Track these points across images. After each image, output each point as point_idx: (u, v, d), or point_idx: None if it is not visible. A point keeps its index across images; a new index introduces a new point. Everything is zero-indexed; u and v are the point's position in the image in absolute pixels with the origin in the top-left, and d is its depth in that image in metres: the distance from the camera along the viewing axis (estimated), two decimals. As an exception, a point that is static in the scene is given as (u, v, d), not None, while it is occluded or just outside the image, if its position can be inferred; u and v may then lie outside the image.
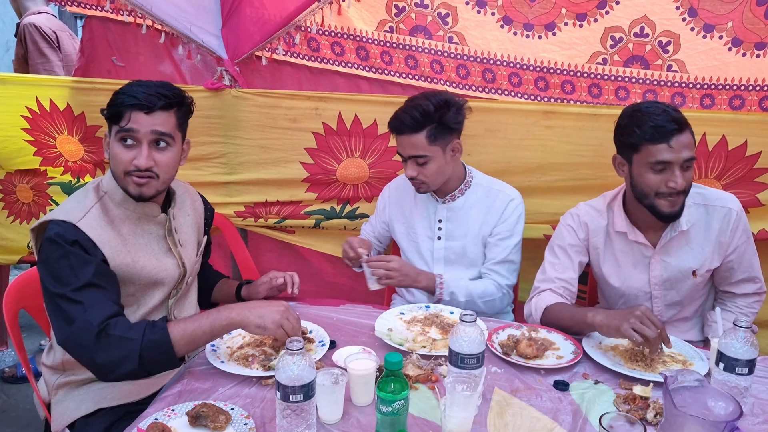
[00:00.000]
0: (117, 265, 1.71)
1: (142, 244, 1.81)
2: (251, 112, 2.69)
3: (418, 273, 2.26)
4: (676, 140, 1.86)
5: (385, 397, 1.38)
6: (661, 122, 1.86)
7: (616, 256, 2.16)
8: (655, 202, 1.95)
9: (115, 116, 1.70)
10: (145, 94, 1.70)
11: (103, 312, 1.57)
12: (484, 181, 2.40)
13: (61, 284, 1.60)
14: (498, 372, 1.77)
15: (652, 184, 1.92)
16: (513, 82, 2.59)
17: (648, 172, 1.92)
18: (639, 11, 2.42)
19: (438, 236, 2.40)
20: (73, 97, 2.73)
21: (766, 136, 2.36)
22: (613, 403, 1.61)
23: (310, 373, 1.39)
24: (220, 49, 2.67)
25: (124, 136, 1.71)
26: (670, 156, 1.87)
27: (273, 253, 3.02)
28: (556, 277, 2.17)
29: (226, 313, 1.65)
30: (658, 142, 1.87)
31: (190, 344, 1.61)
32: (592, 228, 2.17)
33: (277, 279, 2.12)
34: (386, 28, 2.61)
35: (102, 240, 1.69)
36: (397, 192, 2.52)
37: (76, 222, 1.66)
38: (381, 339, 1.91)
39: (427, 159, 2.20)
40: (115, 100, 1.71)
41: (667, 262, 2.10)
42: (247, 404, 1.56)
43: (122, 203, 1.78)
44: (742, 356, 1.55)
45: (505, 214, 2.33)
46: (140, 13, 2.64)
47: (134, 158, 1.71)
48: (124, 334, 1.55)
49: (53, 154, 2.88)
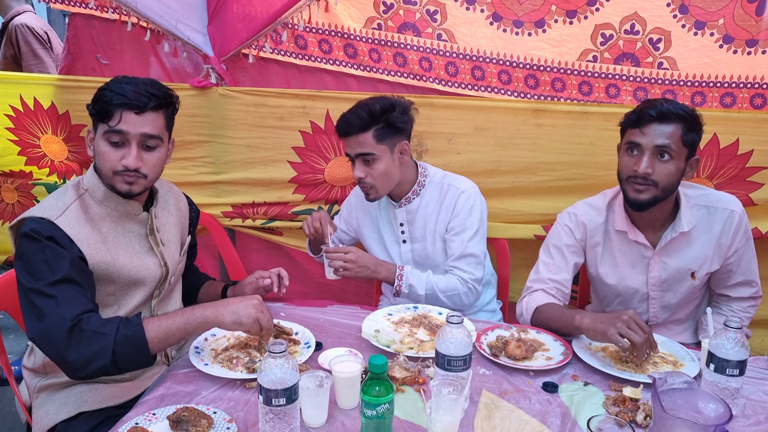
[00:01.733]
0: (96, 263, 1.69)
1: (123, 242, 1.78)
2: (238, 111, 2.66)
3: (378, 264, 2.23)
4: (653, 127, 1.88)
5: (370, 400, 1.35)
6: (644, 108, 1.90)
7: (615, 256, 2.14)
8: (626, 187, 1.97)
9: (102, 114, 1.67)
10: (135, 93, 1.68)
11: (76, 308, 1.54)
12: (437, 177, 2.36)
13: (36, 279, 1.57)
14: (486, 374, 1.74)
15: (624, 167, 1.96)
16: (503, 79, 2.56)
17: (624, 155, 1.96)
18: (629, 8, 2.40)
19: (403, 240, 2.39)
20: (58, 95, 2.69)
21: (758, 134, 2.34)
22: (602, 405, 1.59)
23: (293, 376, 1.36)
24: (207, 47, 2.64)
25: (113, 137, 1.68)
26: (640, 140, 1.90)
27: (261, 254, 2.99)
28: (548, 278, 2.15)
29: (200, 311, 1.63)
30: (633, 126, 1.92)
31: (164, 341, 1.59)
32: (590, 228, 2.15)
33: (263, 280, 2.08)
34: (374, 26, 2.58)
35: (80, 237, 1.66)
36: (359, 200, 2.49)
37: (54, 219, 1.64)
38: (368, 340, 1.88)
39: (375, 157, 2.18)
40: (103, 97, 1.68)
41: (666, 263, 2.07)
42: (230, 408, 1.53)
43: (103, 201, 1.76)
44: (732, 357, 1.54)
45: (456, 208, 2.29)
46: (125, 10, 2.60)
47: (122, 158, 1.69)
48: (98, 330, 1.52)
49: (37, 154, 2.85)
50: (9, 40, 3.91)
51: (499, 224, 2.63)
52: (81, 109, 2.66)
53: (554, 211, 2.56)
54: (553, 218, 2.58)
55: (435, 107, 2.53)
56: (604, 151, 2.44)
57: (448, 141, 2.56)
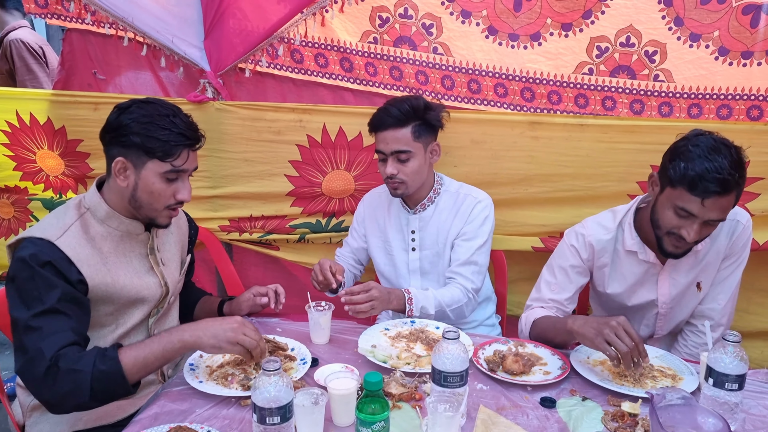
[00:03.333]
0: (96, 285, 1.67)
1: (123, 262, 1.77)
2: (235, 125, 2.65)
3: (389, 293, 2.17)
4: (713, 201, 1.74)
5: (365, 418, 1.34)
6: (708, 177, 1.72)
7: (624, 275, 2.10)
8: (664, 238, 1.89)
9: (164, 153, 1.66)
10: (192, 131, 1.72)
11: (58, 342, 1.53)
12: (452, 187, 2.38)
13: (24, 307, 1.56)
14: (483, 389, 1.73)
15: (668, 222, 1.85)
16: (499, 92, 2.56)
17: (670, 210, 1.83)
18: (625, 21, 2.39)
19: (412, 247, 2.38)
20: (54, 110, 2.69)
21: (754, 146, 2.32)
22: (601, 420, 1.57)
23: (287, 393, 1.35)
24: (203, 61, 2.64)
25: (172, 174, 1.70)
26: (697, 211, 1.77)
27: (258, 268, 2.98)
28: (549, 297, 2.13)
29: (177, 335, 1.61)
30: (693, 194, 1.75)
31: (142, 371, 1.57)
32: (598, 249, 2.09)
33: (261, 299, 2.07)
34: (370, 39, 2.58)
35: (80, 258, 1.65)
36: (371, 206, 2.50)
37: (54, 240, 1.62)
38: (364, 356, 1.87)
39: (410, 155, 2.20)
40: (163, 136, 1.66)
41: (675, 279, 2.05)
42: (225, 426, 1.52)
43: (105, 220, 1.74)
44: (731, 371, 1.52)
45: (471, 216, 2.30)
46: (122, 25, 2.60)
47: (176, 192, 1.73)
48: (73, 366, 1.50)
49: (33, 169, 2.84)
50: (4, 55, 3.91)
51: (496, 236, 2.61)
52: (77, 124, 2.69)
53: (551, 222, 2.58)
54: (550, 230, 2.59)
55: (431, 120, 2.52)
56: (601, 163, 2.43)
57: (445, 154, 2.55)
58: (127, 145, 1.66)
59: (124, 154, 1.68)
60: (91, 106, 2.65)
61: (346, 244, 2.60)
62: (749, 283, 2.53)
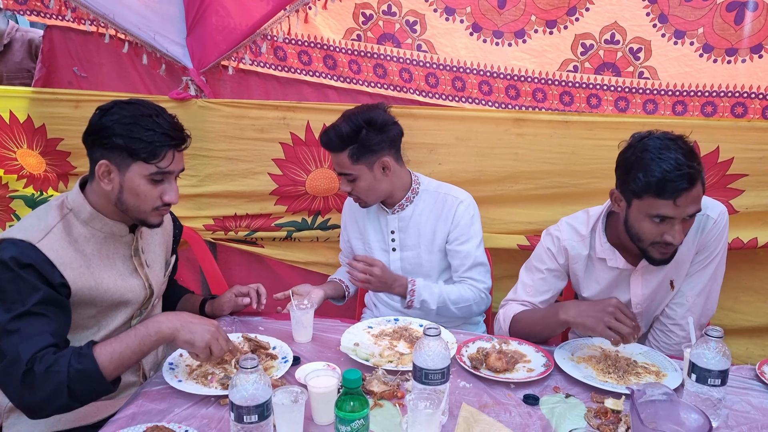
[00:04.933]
0: (79, 288, 1.64)
1: (107, 264, 1.74)
2: (218, 123, 2.63)
3: (395, 279, 2.21)
4: (684, 198, 1.70)
5: (344, 416, 1.32)
6: (671, 177, 1.68)
7: (597, 280, 2.08)
8: (648, 249, 1.84)
9: (148, 154, 1.62)
10: (177, 131, 1.68)
11: (35, 345, 1.49)
12: (431, 186, 2.36)
13: (4, 311, 1.52)
14: (466, 386, 1.71)
15: (650, 233, 1.80)
16: (483, 90, 2.55)
17: (646, 220, 1.78)
18: (609, 18, 2.39)
19: (393, 248, 2.37)
20: (34, 108, 2.66)
21: (738, 142, 2.34)
22: (584, 417, 1.57)
23: (265, 392, 1.34)
24: (185, 59, 2.61)
25: (158, 176, 1.67)
26: (673, 212, 1.73)
27: (242, 267, 2.95)
28: (525, 299, 2.12)
29: (154, 327, 1.59)
30: (663, 198, 1.71)
31: (120, 367, 1.55)
32: (572, 255, 2.08)
33: (242, 299, 2.07)
34: (354, 37, 2.57)
35: (63, 261, 1.61)
36: (351, 208, 2.49)
37: (36, 242, 1.59)
38: (347, 354, 1.85)
39: (354, 177, 2.21)
40: (147, 137, 1.61)
41: (647, 279, 2.02)
42: (203, 425, 1.50)
43: (88, 222, 1.71)
44: (714, 367, 1.52)
45: (456, 218, 2.29)
46: (103, 22, 2.58)
47: (163, 194, 1.70)
48: (49, 368, 1.47)
49: (14, 167, 2.81)
50: (33, 54, 3.83)
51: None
52: (57, 123, 2.65)
53: (537, 220, 2.57)
54: (535, 227, 2.59)
55: (416, 118, 2.51)
56: (586, 160, 2.43)
57: (430, 151, 2.54)
58: (110, 147, 1.63)
59: (107, 157, 1.64)
60: (72, 104, 2.62)
61: (342, 255, 2.64)
62: (735, 281, 2.54)
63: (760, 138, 2.32)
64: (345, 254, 2.59)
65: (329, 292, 2.39)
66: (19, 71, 3.85)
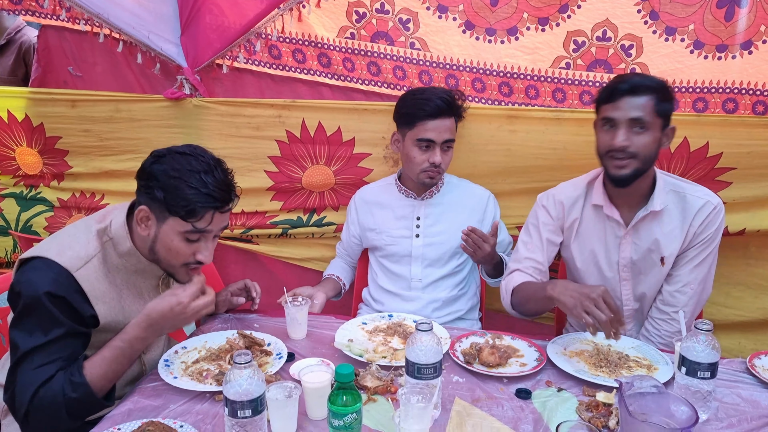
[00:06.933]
0: (108, 322, 1.66)
1: (135, 295, 1.76)
2: (213, 121, 2.64)
3: (492, 257, 2.31)
4: (626, 101, 1.91)
5: (337, 410, 1.34)
6: (616, 84, 1.94)
7: (590, 233, 2.15)
8: (606, 164, 2.00)
9: (186, 213, 1.59)
10: (222, 192, 1.62)
11: (42, 375, 1.52)
12: (453, 179, 2.49)
13: (27, 335, 1.55)
14: (459, 381, 1.73)
15: (601, 143, 1.99)
16: (476, 87, 2.56)
17: (600, 132, 2.00)
18: (601, 15, 2.40)
19: (416, 234, 2.41)
20: (32, 107, 2.68)
21: (727, 138, 2.35)
22: (575, 410, 1.59)
23: (259, 387, 1.35)
24: (180, 58, 2.62)
25: (196, 236, 1.65)
26: (614, 114, 1.92)
27: (238, 265, 2.96)
28: (525, 257, 2.19)
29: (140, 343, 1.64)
30: (606, 102, 1.95)
31: (112, 381, 1.61)
32: (567, 205, 2.18)
33: (237, 299, 2.09)
34: (347, 35, 2.58)
35: (96, 296, 1.63)
36: (363, 203, 2.53)
37: (74, 272, 1.59)
38: (341, 350, 1.86)
39: (452, 144, 2.34)
40: (189, 195, 1.58)
41: (637, 244, 2.07)
42: (198, 421, 1.51)
43: (125, 255, 1.70)
44: (703, 360, 1.53)
45: (487, 212, 2.47)
46: (97, 21, 2.58)
47: (196, 252, 1.67)
48: (47, 402, 1.51)
49: (12, 167, 2.82)
50: (21, 58, 3.80)
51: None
52: (55, 121, 2.68)
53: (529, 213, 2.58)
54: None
55: (410, 115, 2.52)
56: (578, 156, 2.44)
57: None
58: (152, 197, 1.61)
59: (148, 204, 1.63)
60: (69, 103, 2.64)
61: (340, 244, 2.70)
62: (726, 276, 2.55)
63: (749, 133, 2.34)
64: (345, 246, 2.65)
65: (330, 293, 2.46)
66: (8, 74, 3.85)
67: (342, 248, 2.67)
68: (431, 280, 2.41)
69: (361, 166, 2.67)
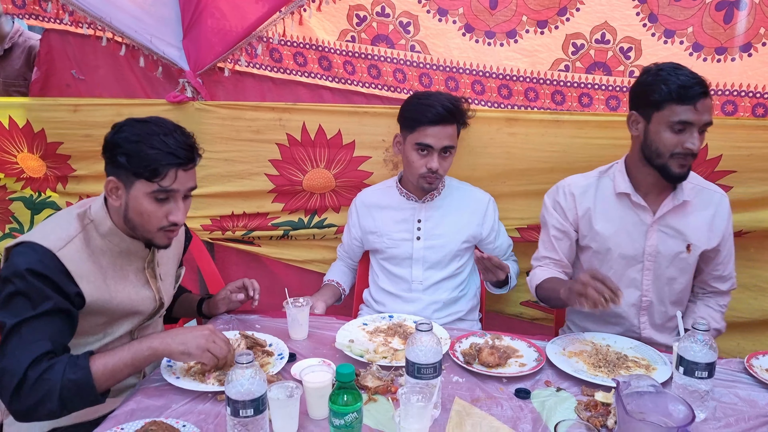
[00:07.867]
0: (94, 300, 1.67)
1: (121, 276, 1.76)
2: (214, 125, 2.65)
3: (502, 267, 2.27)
4: (702, 103, 1.88)
5: (338, 409, 1.35)
6: (689, 83, 1.88)
7: (612, 217, 2.15)
8: (668, 162, 1.96)
9: (150, 173, 1.62)
10: (184, 150, 1.65)
11: (33, 352, 1.52)
12: (453, 182, 2.49)
13: (13, 314, 1.55)
14: (459, 381, 1.75)
15: (669, 143, 1.94)
16: (476, 90, 2.58)
17: (667, 131, 1.93)
18: (599, 18, 2.42)
19: (417, 236, 2.42)
20: (33, 113, 2.69)
21: (726, 140, 2.36)
22: (574, 410, 1.60)
23: (260, 386, 1.37)
24: (182, 61, 2.63)
25: (161, 194, 1.65)
26: (693, 117, 1.88)
27: (240, 267, 2.98)
28: (543, 255, 2.27)
29: (147, 343, 1.63)
30: (683, 103, 1.88)
31: (111, 379, 1.59)
32: (578, 194, 2.19)
33: (237, 296, 2.10)
34: (348, 38, 2.59)
35: (80, 274, 1.64)
36: (364, 206, 2.53)
37: (56, 251, 1.60)
38: (342, 351, 1.88)
39: (453, 151, 2.34)
40: (150, 155, 1.61)
41: (664, 232, 2.09)
42: (200, 420, 1.53)
43: (107, 235, 1.72)
44: (701, 360, 1.55)
45: (487, 216, 2.46)
46: (100, 25, 2.60)
47: (168, 213, 1.68)
48: (42, 376, 1.51)
49: (15, 170, 2.84)
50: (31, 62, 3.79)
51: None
52: (56, 127, 2.69)
53: (528, 215, 2.64)
54: (527, 222, 2.66)
55: (410, 118, 2.53)
56: (577, 158, 2.45)
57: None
58: (117, 164, 1.64)
59: (114, 174, 1.66)
60: (71, 108, 2.65)
61: (341, 247, 2.70)
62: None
63: (748, 135, 2.35)
64: (345, 248, 2.65)
65: (329, 301, 2.46)
66: (16, 78, 3.85)
67: (343, 251, 2.68)
68: (432, 282, 2.42)
69: (362, 169, 2.69)
